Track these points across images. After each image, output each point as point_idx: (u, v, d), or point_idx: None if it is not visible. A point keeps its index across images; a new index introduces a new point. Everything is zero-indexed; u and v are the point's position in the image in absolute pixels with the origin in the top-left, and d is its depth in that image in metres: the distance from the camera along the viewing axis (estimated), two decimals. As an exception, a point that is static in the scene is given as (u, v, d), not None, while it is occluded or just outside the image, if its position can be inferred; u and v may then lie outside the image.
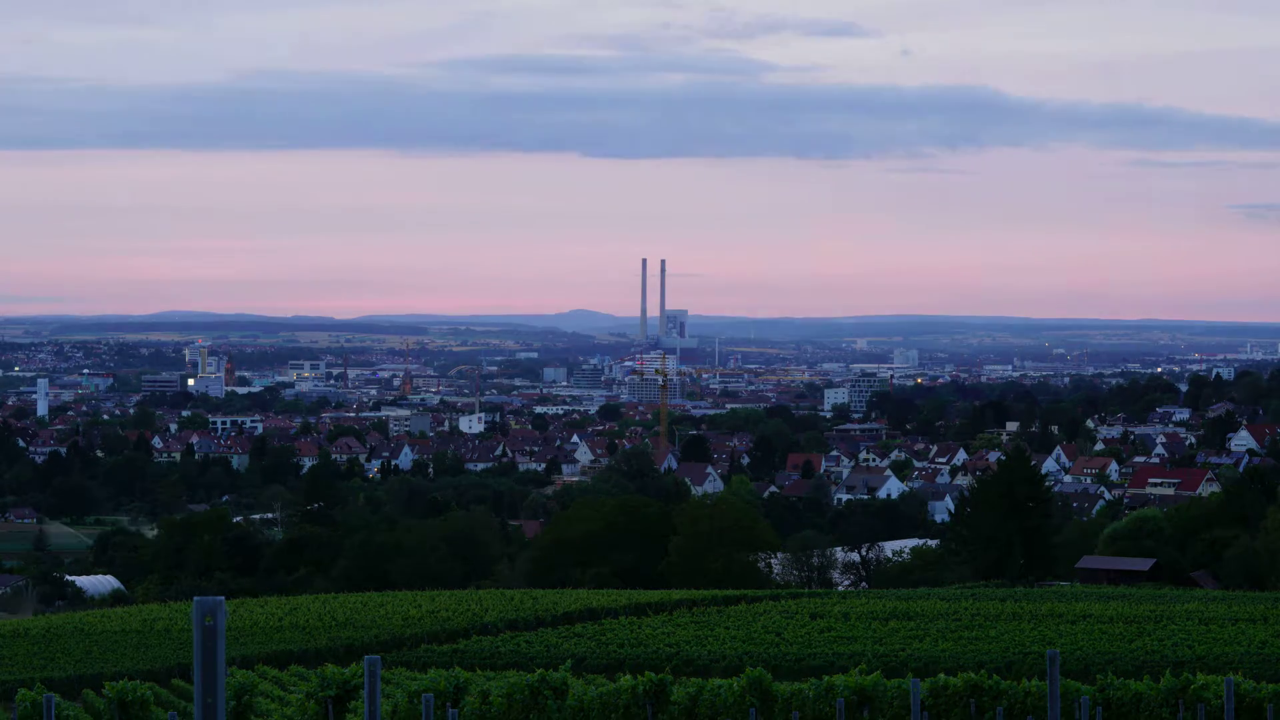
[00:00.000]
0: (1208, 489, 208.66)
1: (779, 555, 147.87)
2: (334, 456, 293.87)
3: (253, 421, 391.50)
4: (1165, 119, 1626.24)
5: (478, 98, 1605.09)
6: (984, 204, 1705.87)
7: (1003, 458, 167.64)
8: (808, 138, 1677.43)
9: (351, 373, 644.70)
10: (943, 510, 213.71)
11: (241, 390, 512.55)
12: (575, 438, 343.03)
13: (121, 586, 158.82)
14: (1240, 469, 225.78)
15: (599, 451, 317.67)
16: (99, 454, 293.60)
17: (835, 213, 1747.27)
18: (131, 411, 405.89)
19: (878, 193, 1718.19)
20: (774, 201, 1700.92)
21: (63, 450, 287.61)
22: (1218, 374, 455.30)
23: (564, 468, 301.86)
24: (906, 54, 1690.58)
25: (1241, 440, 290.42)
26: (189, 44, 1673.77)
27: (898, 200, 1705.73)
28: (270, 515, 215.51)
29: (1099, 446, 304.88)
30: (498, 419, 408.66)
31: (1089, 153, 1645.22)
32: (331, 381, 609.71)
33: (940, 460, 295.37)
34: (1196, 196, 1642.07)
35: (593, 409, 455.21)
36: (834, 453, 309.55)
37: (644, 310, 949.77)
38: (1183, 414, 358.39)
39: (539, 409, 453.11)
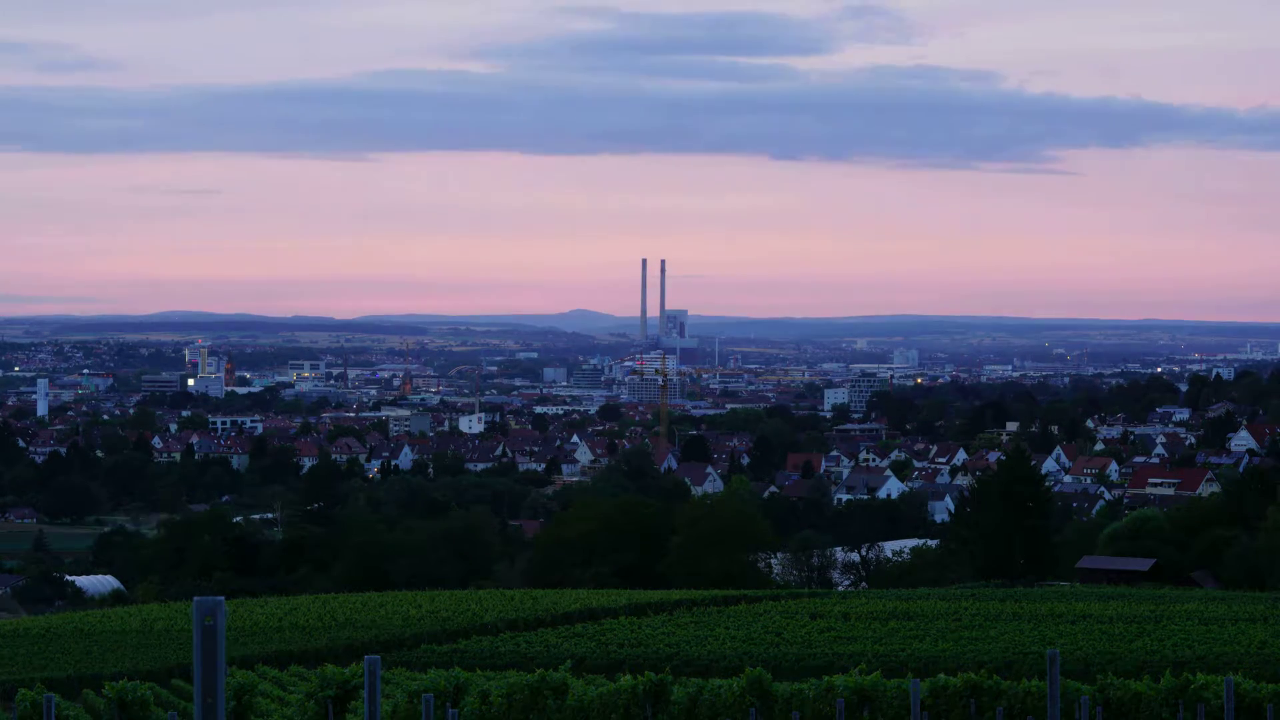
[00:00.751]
0: (1208, 489, 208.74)
1: (779, 555, 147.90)
2: (334, 456, 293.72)
3: (253, 421, 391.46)
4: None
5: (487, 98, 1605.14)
6: (993, 206, 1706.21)
7: (1003, 458, 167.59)
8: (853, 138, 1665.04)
9: (351, 373, 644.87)
10: (943, 510, 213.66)
11: (241, 390, 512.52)
12: (575, 438, 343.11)
13: (121, 586, 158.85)
14: (1240, 469, 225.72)
15: (599, 451, 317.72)
16: (99, 454, 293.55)
17: (836, 214, 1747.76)
18: (131, 411, 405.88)
19: (885, 194, 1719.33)
20: (776, 201, 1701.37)
21: (63, 450, 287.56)
22: (1218, 374, 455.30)
23: (564, 468, 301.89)
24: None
25: (1241, 440, 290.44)
26: (185, 43, 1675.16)
27: (904, 201, 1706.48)
28: (270, 515, 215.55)
29: (1099, 446, 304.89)
30: (498, 419, 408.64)
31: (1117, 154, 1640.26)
32: (331, 381, 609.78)
33: (940, 460, 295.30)
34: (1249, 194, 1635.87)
35: (593, 409, 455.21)
36: (834, 453, 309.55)
37: (644, 310, 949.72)
38: (1183, 414, 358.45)
39: (539, 409, 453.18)
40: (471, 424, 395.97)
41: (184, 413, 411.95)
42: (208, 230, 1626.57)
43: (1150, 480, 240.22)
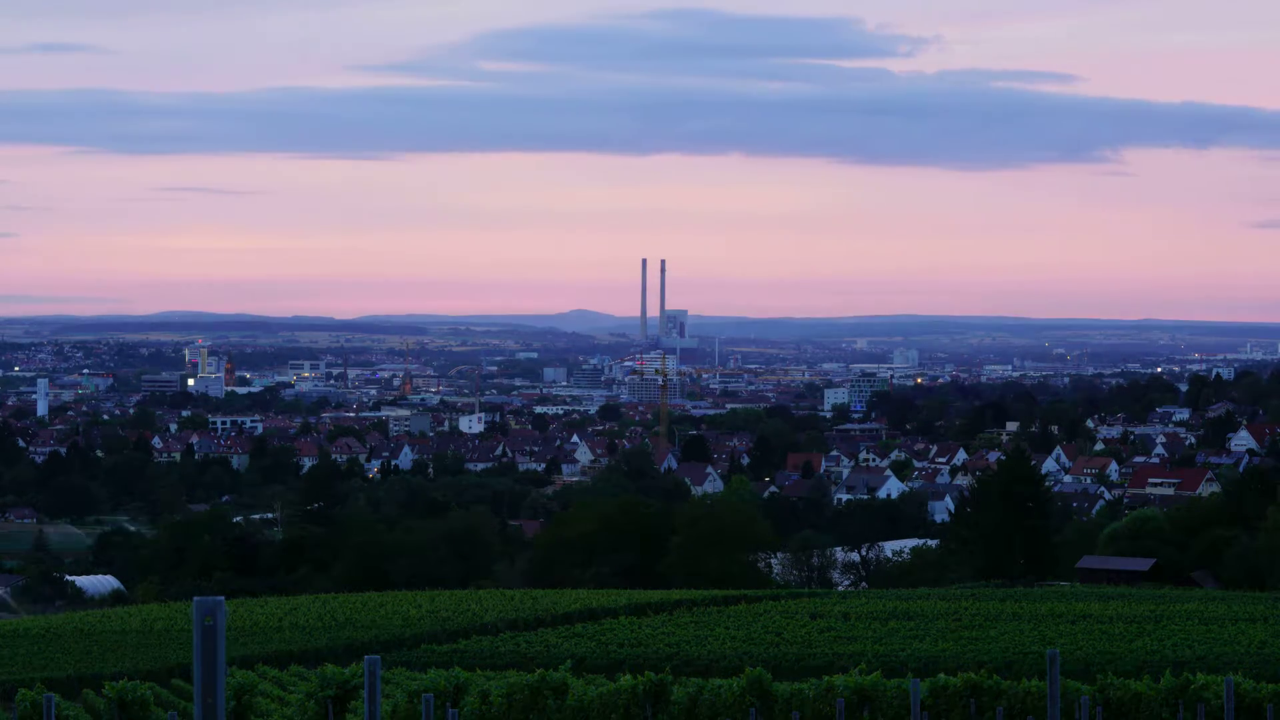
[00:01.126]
0: (1208, 489, 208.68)
1: (779, 555, 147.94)
2: (334, 456, 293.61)
3: (253, 421, 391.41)
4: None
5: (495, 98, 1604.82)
6: (994, 206, 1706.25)
7: (1003, 458, 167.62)
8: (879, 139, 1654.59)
9: (351, 373, 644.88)
10: (943, 510, 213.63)
11: (241, 390, 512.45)
12: (575, 438, 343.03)
13: (121, 586, 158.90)
14: (1240, 469, 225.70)
15: (599, 451, 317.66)
16: (99, 454, 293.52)
17: (836, 215, 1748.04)
18: (131, 411, 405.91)
19: (888, 195, 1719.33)
20: (775, 201, 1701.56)
21: (63, 450, 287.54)
22: (1218, 374, 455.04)
23: (564, 468, 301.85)
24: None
25: (1241, 440, 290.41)
26: (186, 45, 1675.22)
27: (907, 203, 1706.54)
28: (270, 515, 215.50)
29: (1099, 446, 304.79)
30: (498, 419, 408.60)
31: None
32: (331, 381, 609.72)
33: (940, 460, 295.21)
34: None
35: (593, 409, 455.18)
36: (834, 453, 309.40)
37: (644, 310, 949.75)
38: (1183, 414, 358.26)
39: (539, 409, 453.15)
40: (471, 424, 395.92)
41: (184, 413, 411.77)
42: (208, 230, 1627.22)
43: (1150, 480, 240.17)
